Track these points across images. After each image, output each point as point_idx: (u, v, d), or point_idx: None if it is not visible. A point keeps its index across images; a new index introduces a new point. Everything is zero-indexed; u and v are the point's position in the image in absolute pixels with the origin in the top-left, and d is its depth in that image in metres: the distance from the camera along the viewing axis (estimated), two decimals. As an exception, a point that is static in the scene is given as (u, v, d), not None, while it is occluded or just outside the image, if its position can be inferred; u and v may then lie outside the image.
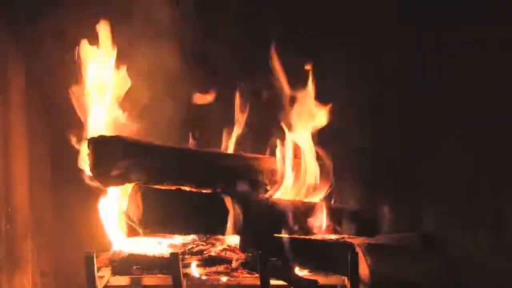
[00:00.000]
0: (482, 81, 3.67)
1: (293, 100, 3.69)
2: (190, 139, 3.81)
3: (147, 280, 3.31)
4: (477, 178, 3.72)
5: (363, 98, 3.87)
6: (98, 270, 3.17)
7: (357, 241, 3.31)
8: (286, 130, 3.66)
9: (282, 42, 3.74)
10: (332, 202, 3.61)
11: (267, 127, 3.78)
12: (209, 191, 3.51)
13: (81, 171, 3.50)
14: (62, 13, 3.72)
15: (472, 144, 3.72)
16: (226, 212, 3.36)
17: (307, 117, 3.66)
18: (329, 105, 3.65)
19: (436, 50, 3.83)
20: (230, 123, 3.80)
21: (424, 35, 3.86)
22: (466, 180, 3.74)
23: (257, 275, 3.16)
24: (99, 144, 3.37)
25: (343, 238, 3.47)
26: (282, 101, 3.71)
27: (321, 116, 3.66)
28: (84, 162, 3.47)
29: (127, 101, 3.66)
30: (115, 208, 3.50)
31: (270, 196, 3.62)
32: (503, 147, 3.67)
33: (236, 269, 3.34)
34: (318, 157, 3.65)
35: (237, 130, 3.80)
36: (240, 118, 3.81)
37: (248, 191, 3.52)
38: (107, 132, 3.52)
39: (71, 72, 3.60)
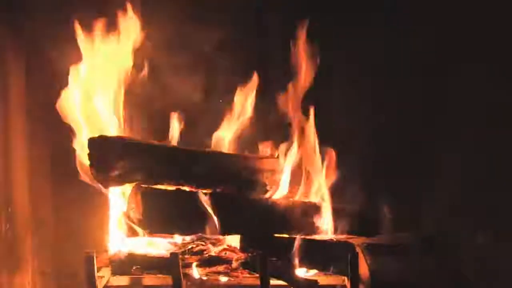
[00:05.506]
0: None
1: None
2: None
3: (147, 280, 3.31)
4: (477, 178, 3.72)
5: (363, 97, 3.87)
6: (98, 270, 3.16)
7: (357, 241, 3.31)
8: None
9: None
10: (332, 202, 3.61)
11: (268, 126, 3.78)
12: (209, 191, 3.51)
13: (81, 171, 3.50)
14: (63, 15, 3.72)
15: (472, 144, 3.72)
16: (226, 212, 3.37)
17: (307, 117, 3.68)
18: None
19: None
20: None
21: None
22: (466, 180, 3.74)
23: (257, 275, 3.16)
24: (99, 144, 3.37)
25: (343, 238, 3.46)
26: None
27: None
28: (84, 162, 3.47)
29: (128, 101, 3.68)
30: (115, 208, 3.50)
31: (270, 196, 3.62)
32: (504, 146, 3.67)
33: (236, 269, 3.33)
34: (319, 157, 3.65)
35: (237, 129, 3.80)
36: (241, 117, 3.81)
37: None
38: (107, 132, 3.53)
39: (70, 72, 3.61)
